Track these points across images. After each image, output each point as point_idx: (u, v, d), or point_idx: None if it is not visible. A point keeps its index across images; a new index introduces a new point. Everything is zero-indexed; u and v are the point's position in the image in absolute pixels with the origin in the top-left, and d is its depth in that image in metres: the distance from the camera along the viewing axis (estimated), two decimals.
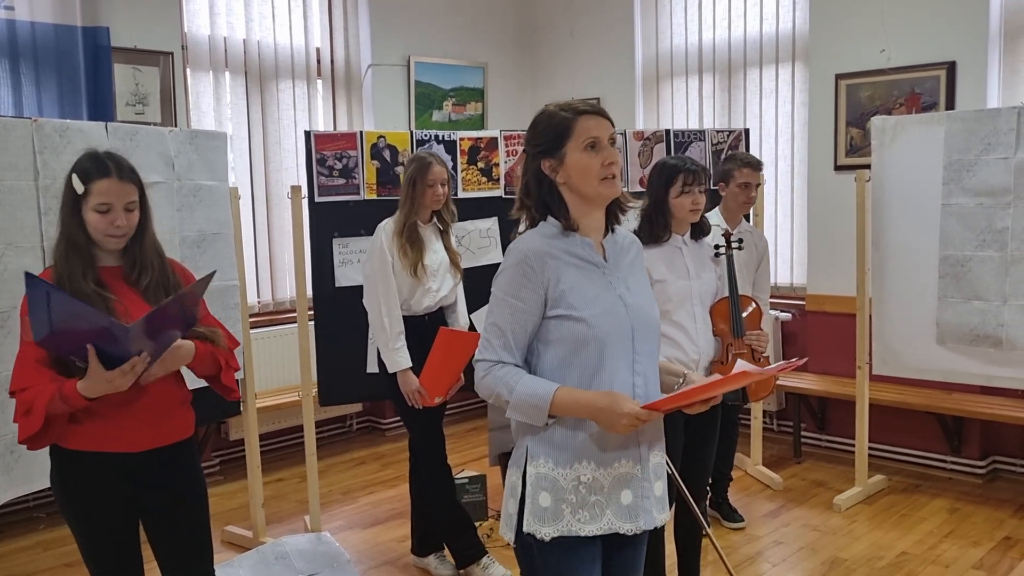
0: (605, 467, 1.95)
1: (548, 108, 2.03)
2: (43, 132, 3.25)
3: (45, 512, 4.62)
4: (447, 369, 3.60)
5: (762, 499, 4.67)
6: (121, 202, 2.25)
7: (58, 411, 2.14)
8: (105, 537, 2.32)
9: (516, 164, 4.51)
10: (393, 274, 3.57)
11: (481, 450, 5.46)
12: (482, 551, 3.76)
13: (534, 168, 2.01)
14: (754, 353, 3.88)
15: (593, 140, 1.95)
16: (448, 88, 6.42)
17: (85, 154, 2.31)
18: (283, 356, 5.41)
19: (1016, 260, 4.01)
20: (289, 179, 5.56)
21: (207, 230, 3.78)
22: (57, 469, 2.31)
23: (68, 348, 2.12)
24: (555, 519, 1.94)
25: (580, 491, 1.94)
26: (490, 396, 1.98)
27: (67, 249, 2.24)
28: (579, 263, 1.98)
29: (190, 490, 2.44)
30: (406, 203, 3.59)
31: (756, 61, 5.75)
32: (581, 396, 1.90)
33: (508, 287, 1.95)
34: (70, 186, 2.25)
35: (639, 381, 1.97)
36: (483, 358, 1.98)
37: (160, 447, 2.32)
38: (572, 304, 1.93)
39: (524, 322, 1.95)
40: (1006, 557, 3.88)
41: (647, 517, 1.99)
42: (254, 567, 3.83)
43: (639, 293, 2.05)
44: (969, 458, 4.93)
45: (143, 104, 4.93)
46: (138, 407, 2.26)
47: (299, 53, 5.72)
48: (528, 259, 1.93)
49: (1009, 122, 3.99)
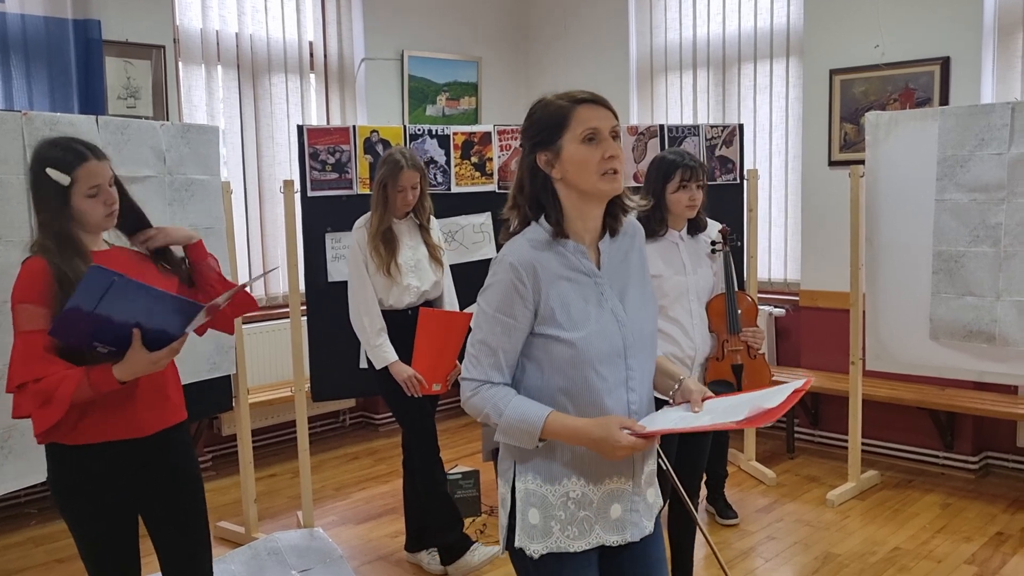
0: (595, 483, 1.88)
1: (545, 97, 1.89)
2: (33, 125, 3.21)
3: (36, 508, 4.60)
4: (439, 352, 3.60)
5: (755, 494, 4.67)
6: (106, 180, 2.25)
7: (84, 398, 2.12)
8: (107, 533, 2.30)
9: (510, 159, 4.50)
10: (368, 274, 3.57)
11: (475, 446, 5.45)
12: (467, 546, 3.77)
13: (529, 162, 1.87)
14: (749, 350, 3.88)
15: (592, 132, 1.81)
16: (442, 83, 6.40)
17: (45, 145, 2.26)
18: (276, 351, 5.39)
19: (1009, 256, 4.02)
20: (282, 173, 5.53)
21: (199, 224, 3.75)
22: (57, 467, 2.27)
23: (94, 336, 2.10)
24: (544, 536, 1.88)
25: (569, 507, 1.88)
26: (478, 415, 1.88)
27: (59, 245, 2.19)
28: (570, 274, 1.86)
29: (190, 475, 2.46)
30: (377, 206, 3.57)
31: (750, 56, 5.74)
32: (574, 424, 1.80)
33: (499, 304, 1.83)
34: (50, 181, 2.19)
35: (633, 398, 1.89)
36: (471, 377, 1.87)
37: (163, 430, 2.35)
38: (561, 324, 1.82)
39: (515, 340, 1.85)
40: (998, 552, 3.89)
41: (634, 530, 1.94)
42: (247, 563, 3.82)
43: (635, 304, 1.93)
44: (962, 454, 4.94)
45: (135, 98, 4.90)
46: (140, 392, 2.27)
47: (292, 47, 5.70)
48: (518, 273, 1.81)
49: (1003, 118, 3.99)
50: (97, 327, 2.08)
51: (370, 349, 3.60)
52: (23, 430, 3.24)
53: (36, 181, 2.22)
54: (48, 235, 2.21)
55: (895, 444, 5.17)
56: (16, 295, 2.16)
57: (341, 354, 4.10)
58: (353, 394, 4.93)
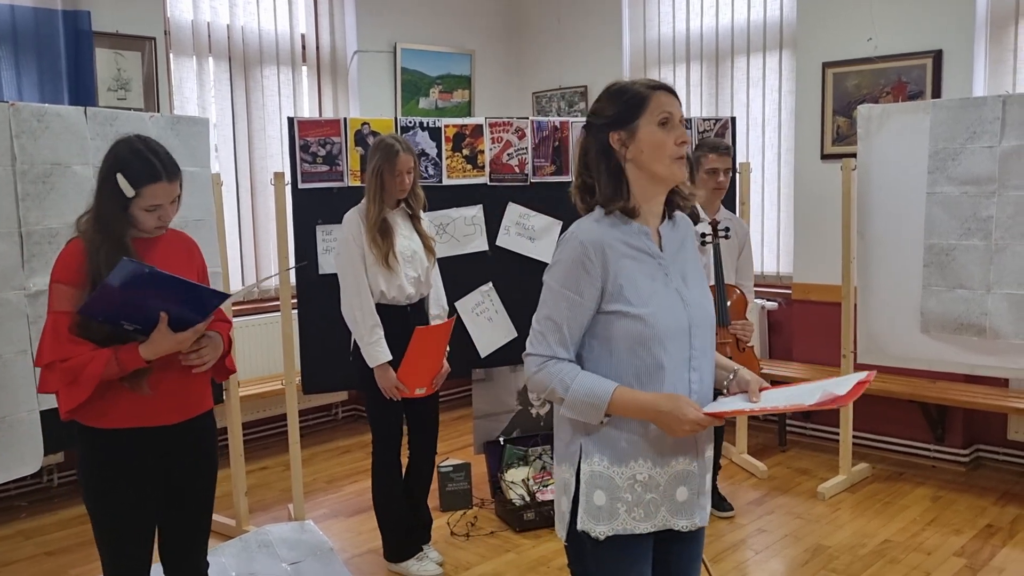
0: (662, 466, 1.90)
1: (621, 80, 1.95)
2: (20, 116, 3.20)
3: (26, 501, 4.60)
4: (425, 363, 3.57)
5: (747, 487, 4.68)
6: (169, 199, 2.36)
7: (111, 376, 2.25)
8: (128, 515, 2.39)
9: (501, 151, 4.49)
10: (365, 266, 3.51)
11: (467, 439, 5.45)
12: (415, 552, 3.74)
13: (600, 142, 1.90)
14: (739, 343, 3.89)
15: (667, 116, 1.87)
16: (435, 75, 6.38)
17: (127, 148, 2.32)
18: (266, 344, 5.38)
19: (1000, 249, 4.02)
20: (273, 166, 5.52)
21: (188, 216, 3.72)
22: (88, 448, 2.37)
23: (123, 315, 2.24)
24: (610, 518, 1.90)
25: (636, 489, 1.89)
26: (543, 392, 1.90)
27: (104, 239, 2.29)
28: (636, 254, 1.90)
29: (209, 465, 2.56)
30: (375, 194, 3.51)
31: (743, 49, 5.73)
32: (642, 397, 1.83)
33: (565, 279, 1.87)
34: (116, 185, 2.28)
35: (695, 377, 1.91)
36: (536, 352, 1.90)
37: (189, 419, 2.45)
38: (629, 300, 1.85)
39: (581, 317, 1.88)
40: (988, 544, 3.90)
41: (701, 513, 1.96)
42: (237, 555, 3.82)
43: (696, 286, 1.97)
44: (952, 446, 4.95)
45: (125, 89, 4.88)
46: (168, 382, 2.36)
47: (284, 39, 5.67)
48: (587, 250, 1.85)
49: (994, 111, 3.99)
50: (126, 308, 2.23)
51: (364, 345, 3.53)
52: (12, 423, 3.23)
53: (105, 178, 2.32)
54: (98, 228, 2.31)
55: (886, 437, 5.18)
56: (54, 274, 2.30)
57: (332, 347, 4.08)
58: (343, 387, 4.92)
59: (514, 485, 4.24)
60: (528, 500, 4.17)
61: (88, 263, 2.26)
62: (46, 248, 3.24)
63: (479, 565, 3.80)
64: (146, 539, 2.45)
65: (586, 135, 1.95)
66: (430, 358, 3.59)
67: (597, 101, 1.95)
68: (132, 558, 2.43)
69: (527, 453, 4.44)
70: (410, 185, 3.56)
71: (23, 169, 3.20)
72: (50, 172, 3.27)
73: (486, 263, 4.45)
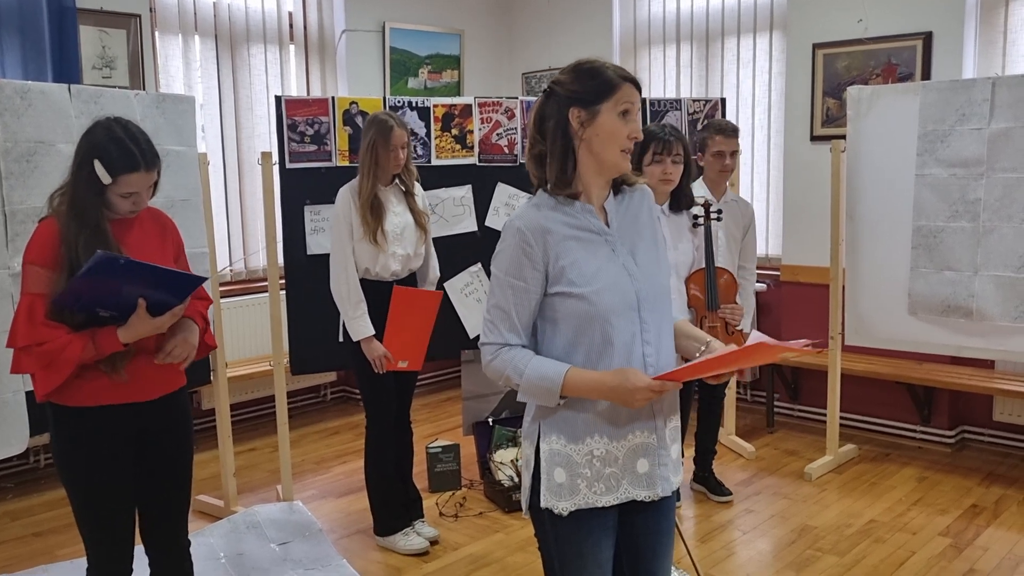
0: (618, 440, 1.93)
1: (598, 61, 1.94)
2: (3, 94, 3.16)
3: (12, 482, 4.58)
4: (411, 330, 3.58)
5: (734, 468, 4.70)
6: (146, 187, 2.35)
7: (88, 359, 2.25)
8: (106, 493, 2.39)
9: (490, 132, 4.46)
10: (353, 242, 3.54)
11: (455, 420, 5.46)
12: (404, 527, 3.78)
13: (562, 114, 1.91)
14: (727, 326, 3.89)
15: (628, 107, 1.90)
16: (424, 55, 6.33)
17: (105, 134, 2.30)
18: (255, 325, 5.35)
19: (988, 231, 4.03)
20: (261, 145, 5.47)
21: (175, 196, 3.70)
22: (62, 427, 2.37)
23: (98, 303, 2.24)
24: (571, 493, 1.93)
25: (594, 464, 1.93)
26: (499, 379, 1.94)
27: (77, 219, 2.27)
28: (579, 234, 1.92)
29: (185, 441, 2.57)
30: (368, 170, 3.53)
31: (733, 30, 5.71)
32: (592, 377, 1.86)
33: (509, 267, 1.90)
34: (93, 171, 2.26)
35: (649, 351, 1.93)
36: (489, 341, 1.94)
37: (164, 395, 2.46)
38: (573, 280, 1.88)
39: (528, 302, 1.91)
40: (972, 524, 3.94)
41: (664, 484, 1.98)
42: (225, 536, 3.82)
43: (647, 259, 1.98)
44: (938, 427, 4.98)
45: (110, 68, 4.82)
46: (140, 359, 2.36)
47: (271, 17, 5.61)
48: (526, 236, 1.88)
49: (984, 92, 3.99)
50: (100, 296, 2.22)
51: (348, 320, 3.58)
52: None
53: (82, 163, 2.29)
54: (73, 214, 2.29)
55: (873, 418, 5.21)
56: (27, 255, 2.28)
57: (320, 328, 4.07)
58: (332, 367, 4.90)
59: (503, 466, 4.25)
60: (517, 481, 4.18)
61: (64, 247, 2.25)
62: (30, 227, 3.15)
63: (468, 545, 3.81)
64: (126, 517, 2.45)
65: (546, 101, 1.95)
66: (415, 330, 3.60)
67: (564, 72, 1.95)
68: (113, 536, 2.42)
69: (516, 434, 4.44)
70: (404, 160, 3.57)
71: (6, 147, 3.16)
72: (34, 150, 3.23)
73: (475, 243, 4.43)
